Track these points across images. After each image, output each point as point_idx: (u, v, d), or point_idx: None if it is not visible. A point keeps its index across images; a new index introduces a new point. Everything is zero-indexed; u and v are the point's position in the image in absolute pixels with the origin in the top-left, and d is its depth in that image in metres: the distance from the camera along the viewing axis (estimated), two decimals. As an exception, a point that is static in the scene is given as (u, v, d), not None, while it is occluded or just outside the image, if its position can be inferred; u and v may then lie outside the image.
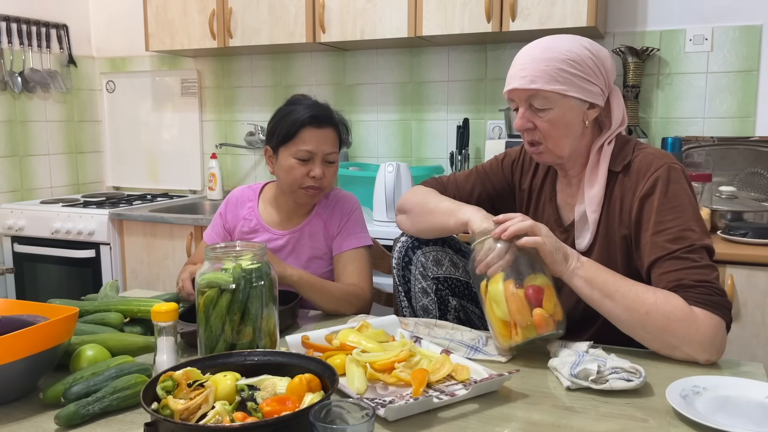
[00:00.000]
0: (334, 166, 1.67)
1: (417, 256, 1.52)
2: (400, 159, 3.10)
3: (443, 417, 1.01)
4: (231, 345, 1.16)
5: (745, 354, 1.99)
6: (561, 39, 1.32)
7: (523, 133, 1.37)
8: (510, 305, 1.19)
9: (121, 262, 3.01)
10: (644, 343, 1.23)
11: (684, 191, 1.28)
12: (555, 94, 1.29)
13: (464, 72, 2.95)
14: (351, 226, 1.72)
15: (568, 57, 1.29)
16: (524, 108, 1.33)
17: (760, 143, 2.49)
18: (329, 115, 1.66)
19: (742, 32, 2.53)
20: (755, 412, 1.01)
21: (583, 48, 1.30)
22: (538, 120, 1.32)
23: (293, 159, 1.62)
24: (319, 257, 1.72)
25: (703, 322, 1.16)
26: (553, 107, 1.30)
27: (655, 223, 1.27)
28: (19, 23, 3.23)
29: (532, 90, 1.30)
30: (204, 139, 3.52)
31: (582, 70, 1.29)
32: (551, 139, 1.34)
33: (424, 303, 1.52)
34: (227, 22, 2.95)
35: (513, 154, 1.58)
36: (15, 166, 3.28)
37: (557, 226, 1.44)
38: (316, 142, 1.61)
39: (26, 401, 1.08)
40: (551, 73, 1.28)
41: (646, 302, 1.18)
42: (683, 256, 1.22)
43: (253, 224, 1.75)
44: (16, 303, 1.22)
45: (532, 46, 1.32)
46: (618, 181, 1.35)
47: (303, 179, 1.62)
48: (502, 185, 1.57)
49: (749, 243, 2.07)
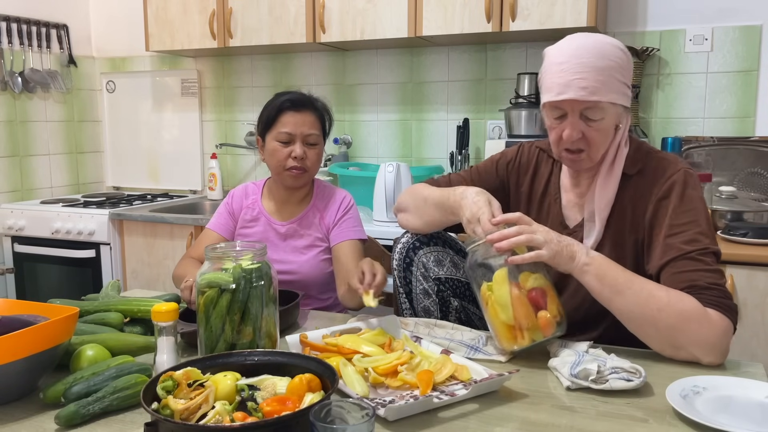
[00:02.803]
0: (316, 148, 1.76)
1: (418, 257, 1.52)
2: (400, 159, 3.10)
3: (443, 417, 1.01)
4: (231, 345, 1.16)
5: (745, 354, 1.99)
6: (603, 42, 1.27)
7: (565, 142, 1.32)
8: (516, 310, 1.19)
9: (121, 262, 3.01)
10: (650, 342, 1.22)
11: (698, 197, 1.30)
12: (609, 104, 1.27)
13: (464, 72, 2.95)
14: (347, 219, 1.80)
15: (617, 64, 1.26)
16: (575, 118, 1.29)
17: (760, 143, 2.49)
18: (309, 100, 1.76)
19: (742, 32, 2.53)
20: (755, 412, 1.01)
21: (623, 52, 1.28)
22: (589, 130, 1.29)
23: (275, 142, 1.73)
24: (316, 245, 1.79)
25: (715, 323, 1.16)
26: (605, 117, 1.28)
27: (669, 225, 1.27)
28: (19, 23, 3.23)
29: (592, 102, 1.26)
30: (204, 139, 3.52)
31: (625, 77, 1.28)
32: (595, 146, 1.31)
33: (426, 304, 1.52)
34: (227, 22, 2.95)
35: (509, 154, 1.57)
36: (15, 166, 3.28)
37: (562, 228, 1.43)
38: (294, 124, 1.72)
39: (26, 401, 1.08)
40: (609, 84, 1.25)
41: (660, 300, 1.18)
42: (697, 257, 1.22)
43: (256, 212, 1.83)
44: (16, 303, 1.22)
45: (581, 52, 1.26)
46: (631, 185, 1.35)
47: (286, 160, 1.72)
48: (495, 186, 1.54)
49: (749, 243, 2.07)
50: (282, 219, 1.81)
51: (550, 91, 1.29)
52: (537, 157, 1.53)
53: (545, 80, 1.31)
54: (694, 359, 1.19)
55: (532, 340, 1.20)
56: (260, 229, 1.81)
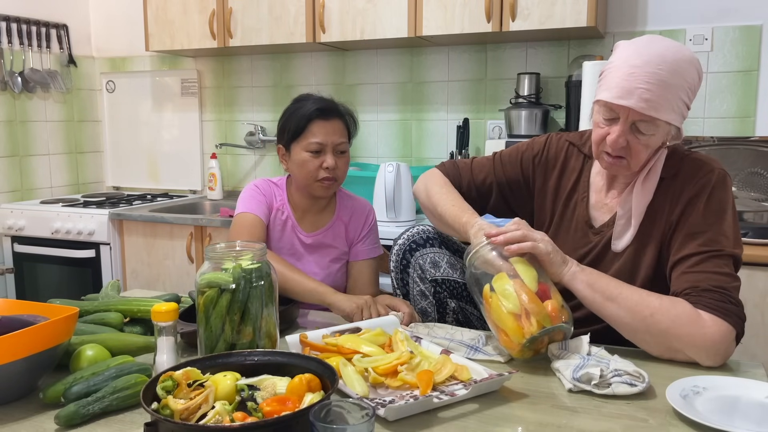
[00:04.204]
0: (345, 156, 1.71)
1: (415, 259, 1.52)
2: (400, 159, 3.10)
3: (443, 417, 1.01)
4: (231, 345, 1.16)
5: (745, 354, 1.99)
6: (683, 58, 1.20)
7: (608, 146, 1.27)
8: (521, 297, 1.17)
9: (121, 262, 3.01)
10: (645, 347, 1.22)
11: (727, 199, 1.28)
12: (665, 123, 1.22)
13: (464, 72, 2.95)
14: (370, 235, 1.81)
15: (689, 85, 1.21)
16: (626, 126, 1.23)
17: (760, 143, 2.49)
18: (335, 107, 1.71)
19: (742, 32, 2.53)
20: (755, 412, 1.01)
21: (697, 73, 1.22)
22: (635, 141, 1.24)
23: (305, 152, 1.66)
24: (340, 258, 1.79)
25: (709, 327, 1.15)
26: (656, 134, 1.24)
27: (691, 224, 1.26)
28: (19, 23, 3.23)
29: (648, 117, 1.20)
30: (204, 139, 3.52)
31: (690, 98, 1.24)
32: (636, 157, 1.27)
33: (423, 306, 1.52)
34: (227, 22, 2.95)
35: (536, 146, 1.51)
36: (15, 166, 3.28)
37: (588, 228, 1.41)
38: (325, 133, 1.65)
39: (26, 401, 1.08)
40: (672, 103, 1.20)
41: (651, 305, 1.18)
42: (707, 259, 1.21)
43: (284, 217, 1.76)
44: (16, 303, 1.22)
45: (659, 61, 1.18)
46: (664, 188, 1.32)
47: (317, 171, 1.66)
48: (516, 178, 1.51)
49: (749, 243, 2.07)
50: (306, 228, 1.76)
51: (610, 90, 1.22)
52: (566, 151, 1.48)
53: (610, 76, 1.23)
54: (693, 361, 1.19)
55: (542, 326, 1.16)
56: (287, 237, 1.75)
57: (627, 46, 1.24)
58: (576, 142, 1.48)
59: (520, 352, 1.20)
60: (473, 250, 1.28)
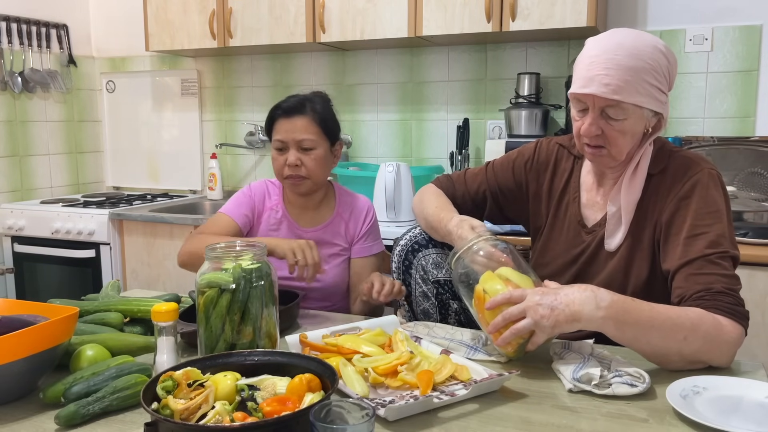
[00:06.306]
0: (313, 152, 1.69)
1: (417, 260, 1.52)
2: (400, 159, 3.10)
3: (443, 417, 1.01)
4: (231, 345, 1.16)
5: (745, 354, 1.97)
6: (643, 42, 1.24)
7: (583, 136, 1.31)
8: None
9: (121, 262, 3.01)
10: (669, 366, 1.17)
11: (721, 198, 1.28)
12: (634, 106, 1.24)
13: (464, 72, 2.95)
14: (370, 232, 1.82)
15: (651, 66, 1.23)
16: (595, 114, 1.27)
17: (760, 143, 2.49)
18: (301, 104, 1.70)
19: (742, 32, 2.53)
20: (755, 412, 1.01)
21: (663, 55, 1.25)
22: (608, 128, 1.27)
23: (273, 151, 1.72)
24: (340, 254, 1.79)
25: (730, 333, 1.15)
26: (628, 118, 1.26)
27: (691, 226, 1.25)
28: (19, 23, 3.23)
29: (613, 101, 1.23)
30: (204, 139, 3.52)
31: (660, 81, 1.25)
32: (616, 146, 1.29)
33: (425, 307, 1.52)
34: (227, 22, 2.95)
35: (526, 153, 1.54)
36: (15, 166, 3.28)
37: (581, 227, 1.42)
38: (286, 131, 1.69)
39: (26, 401, 1.08)
40: (635, 85, 1.22)
41: (684, 327, 1.12)
42: (717, 261, 1.21)
43: (279, 215, 1.78)
44: (16, 303, 1.22)
45: (615, 48, 1.23)
46: (653, 184, 1.33)
47: (283, 169, 1.69)
48: (510, 185, 1.53)
49: (749, 243, 2.07)
50: (305, 225, 1.77)
51: (575, 82, 1.27)
52: (557, 153, 1.50)
53: (576, 70, 1.29)
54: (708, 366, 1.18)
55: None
56: (284, 234, 1.76)
57: (590, 40, 1.30)
58: (565, 144, 1.50)
59: (515, 351, 1.20)
60: (460, 250, 1.27)
